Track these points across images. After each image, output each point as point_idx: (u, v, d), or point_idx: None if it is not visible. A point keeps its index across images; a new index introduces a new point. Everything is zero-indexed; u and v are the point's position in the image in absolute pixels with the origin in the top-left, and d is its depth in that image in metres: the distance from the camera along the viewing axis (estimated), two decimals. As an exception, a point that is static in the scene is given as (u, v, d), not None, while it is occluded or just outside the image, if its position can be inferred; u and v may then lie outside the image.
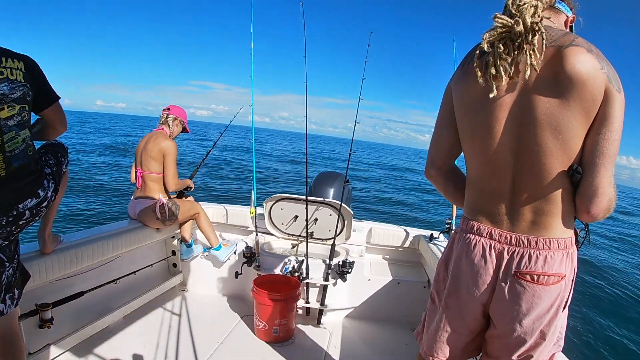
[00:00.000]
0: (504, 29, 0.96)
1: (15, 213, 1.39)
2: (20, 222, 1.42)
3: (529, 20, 0.93)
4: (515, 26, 0.94)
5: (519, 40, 0.95)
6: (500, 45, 0.97)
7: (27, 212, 1.43)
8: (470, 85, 1.06)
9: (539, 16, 0.94)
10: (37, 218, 1.51)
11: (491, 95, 0.99)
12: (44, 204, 1.51)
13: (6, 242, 1.42)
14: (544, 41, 0.94)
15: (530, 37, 0.94)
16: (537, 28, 0.93)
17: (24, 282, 1.56)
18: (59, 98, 1.58)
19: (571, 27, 1.17)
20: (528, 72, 0.95)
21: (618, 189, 1.02)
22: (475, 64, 1.01)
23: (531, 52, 0.94)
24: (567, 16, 1.14)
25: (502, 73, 0.97)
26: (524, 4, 0.94)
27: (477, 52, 1.02)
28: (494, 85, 0.98)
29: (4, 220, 1.36)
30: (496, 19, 0.97)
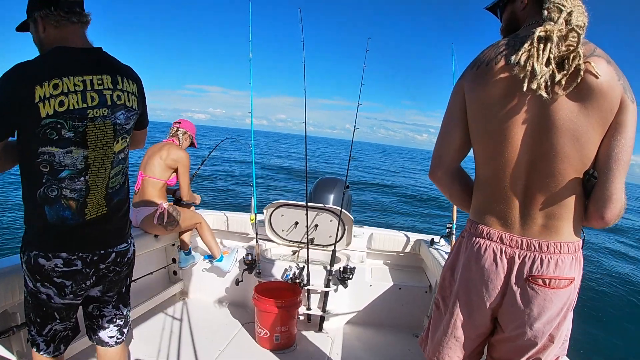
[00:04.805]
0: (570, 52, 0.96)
1: (103, 252, 1.28)
2: (101, 266, 1.29)
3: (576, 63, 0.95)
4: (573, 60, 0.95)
5: (566, 70, 0.96)
6: (555, 65, 0.96)
7: (113, 254, 1.31)
8: (488, 88, 1.05)
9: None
10: (117, 268, 1.36)
11: (524, 88, 0.97)
12: (126, 258, 1.39)
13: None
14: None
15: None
16: (580, 69, 0.95)
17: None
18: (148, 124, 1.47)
19: None
20: (544, 95, 0.96)
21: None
22: (530, 47, 0.96)
23: (563, 78, 0.96)
24: None
25: (541, 82, 0.95)
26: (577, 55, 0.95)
27: (535, 38, 0.96)
28: (526, 80, 0.97)
29: (89, 258, 1.25)
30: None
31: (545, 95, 0.96)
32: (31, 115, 1.07)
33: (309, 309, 2.69)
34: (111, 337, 1.47)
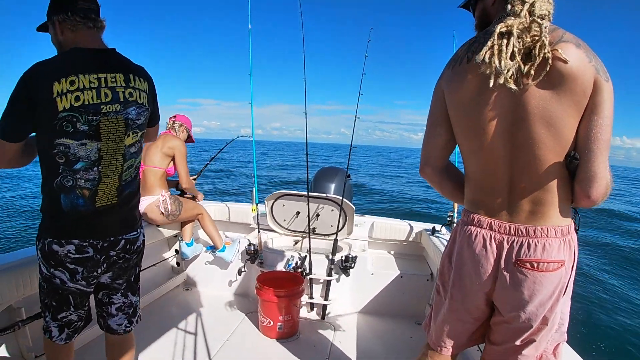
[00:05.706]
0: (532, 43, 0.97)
1: (112, 239, 1.34)
2: (111, 253, 1.35)
3: (543, 53, 0.96)
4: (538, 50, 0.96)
5: (533, 61, 0.98)
6: (520, 61, 0.98)
7: (122, 241, 1.37)
8: (463, 86, 1.09)
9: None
10: (126, 255, 1.41)
11: (491, 85, 0.99)
12: (135, 246, 1.44)
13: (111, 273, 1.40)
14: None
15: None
16: (548, 58, 0.96)
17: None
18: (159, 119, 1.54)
19: None
20: (514, 87, 0.98)
21: (614, 171, 1.05)
22: (492, 44, 0.99)
23: (531, 69, 0.98)
24: None
25: (508, 76, 0.98)
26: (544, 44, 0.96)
27: (496, 34, 0.98)
28: (492, 75, 0.99)
29: (100, 245, 1.31)
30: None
31: (514, 87, 0.98)
32: (49, 109, 1.15)
33: (311, 297, 2.71)
34: (119, 324, 1.51)
